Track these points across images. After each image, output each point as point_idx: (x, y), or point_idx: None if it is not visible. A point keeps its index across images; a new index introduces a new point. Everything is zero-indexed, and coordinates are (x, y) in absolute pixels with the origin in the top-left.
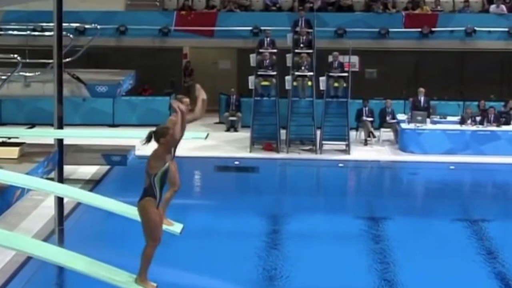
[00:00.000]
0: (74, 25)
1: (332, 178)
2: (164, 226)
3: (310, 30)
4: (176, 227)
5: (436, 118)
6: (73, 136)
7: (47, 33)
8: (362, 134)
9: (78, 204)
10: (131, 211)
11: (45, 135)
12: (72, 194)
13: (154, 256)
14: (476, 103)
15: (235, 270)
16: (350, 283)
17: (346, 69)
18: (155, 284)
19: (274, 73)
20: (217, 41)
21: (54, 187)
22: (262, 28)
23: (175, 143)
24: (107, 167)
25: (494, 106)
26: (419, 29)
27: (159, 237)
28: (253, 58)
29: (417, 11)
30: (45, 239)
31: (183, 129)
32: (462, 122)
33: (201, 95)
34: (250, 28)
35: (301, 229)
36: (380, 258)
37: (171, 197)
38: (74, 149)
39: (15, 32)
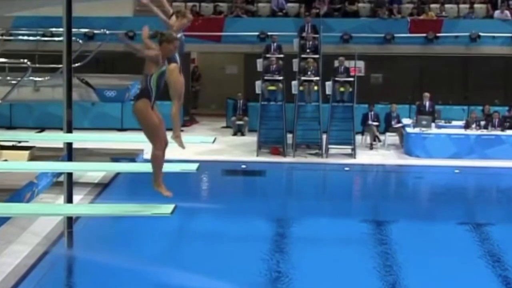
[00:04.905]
0: (83, 30)
1: (338, 182)
2: (180, 169)
3: (316, 36)
4: (191, 166)
5: (441, 123)
6: (82, 140)
7: (56, 39)
8: (367, 138)
9: None
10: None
11: (55, 139)
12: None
13: (162, 258)
14: (480, 107)
15: (241, 273)
16: (355, 287)
17: (352, 74)
18: (170, 193)
19: (281, 78)
20: (224, 46)
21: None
22: (269, 33)
23: (172, 53)
24: None
25: (498, 111)
26: (424, 35)
27: (162, 138)
28: (260, 63)
29: (422, 17)
30: (54, 242)
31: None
32: (467, 126)
33: None
34: (257, 33)
35: (307, 233)
36: (385, 262)
37: (178, 111)
38: (83, 153)
39: (25, 38)
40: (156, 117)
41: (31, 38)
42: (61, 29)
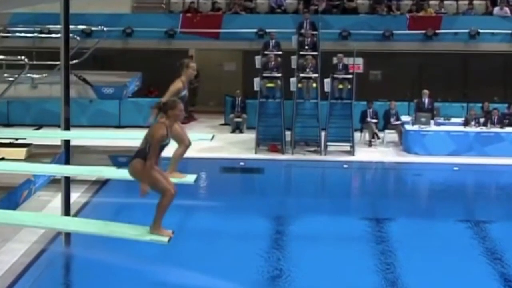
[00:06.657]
0: (81, 27)
1: (337, 179)
2: (177, 179)
3: (314, 32)
4: (189, 178)
5: (440, 120)
6: (79, 137)
7: (54, 35)
8: (366, 136)
9: (85, 205)
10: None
11: (52, 136)
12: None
13: (160, 256)
14: (479, 105)
15: (239, 270)
16: (354, 285)
17: (351, 71)
18: (171, 231)
19: (279, 75)
20: (223, 43)
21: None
22: (267, 30)
23: (181, 117)
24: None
25: (497, 108)
26: (423, 31)
27: (168, 188)
28: (258, 60)
29: (421, 14)
30: (52, 240)
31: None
32: (466, 123)
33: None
34: (255, 30)
35: (305, 230)
36: (384, 260)
37: (182, 153)
38: (80, 150)
39: (23, 34)
40: (155, 170)
41: (28, 35)
42: (58, 26)
